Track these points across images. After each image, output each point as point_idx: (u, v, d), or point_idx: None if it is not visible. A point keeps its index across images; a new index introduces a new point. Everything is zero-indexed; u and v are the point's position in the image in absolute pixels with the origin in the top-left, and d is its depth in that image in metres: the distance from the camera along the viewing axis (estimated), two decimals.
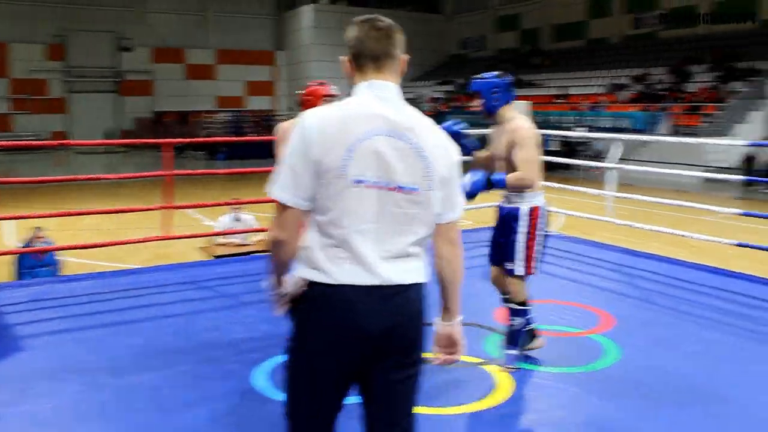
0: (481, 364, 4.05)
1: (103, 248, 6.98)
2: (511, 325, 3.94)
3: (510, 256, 3.85)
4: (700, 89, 24.44)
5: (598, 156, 21.36)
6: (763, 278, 6.21)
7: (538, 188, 3.85)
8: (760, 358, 4.19)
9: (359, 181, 1.92)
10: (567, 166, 22.22)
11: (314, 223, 1.98)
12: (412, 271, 2.00)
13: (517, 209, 3.83)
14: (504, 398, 3.59)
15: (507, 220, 3.90)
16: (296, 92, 4.14)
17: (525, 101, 7.85)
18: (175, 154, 27.67)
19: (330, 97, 4.05)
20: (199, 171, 5.29)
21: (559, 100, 28.73)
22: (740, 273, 6.41)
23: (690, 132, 21.90)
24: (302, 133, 1.96)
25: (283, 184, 1.97)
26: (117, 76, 38.06)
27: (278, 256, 2.03)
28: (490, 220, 8.44)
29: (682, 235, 6.96)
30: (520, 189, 3.79)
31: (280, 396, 3.51)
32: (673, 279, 5.99)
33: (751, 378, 3.87)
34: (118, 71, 38.02)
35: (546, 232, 3.95)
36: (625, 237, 10.66)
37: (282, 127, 4.13)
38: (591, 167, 20.50)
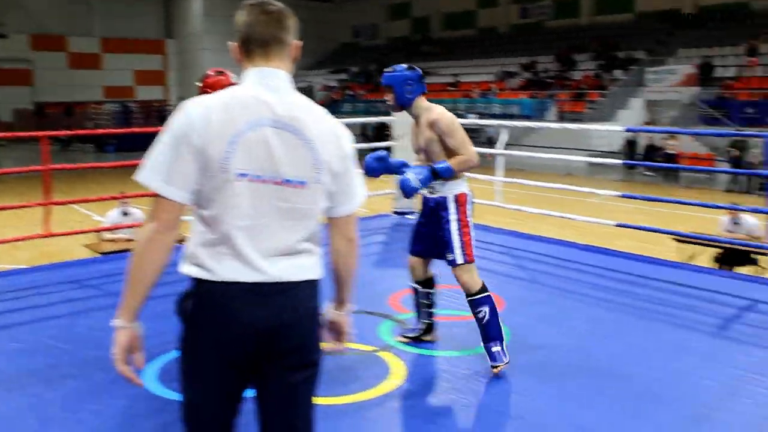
0: (375, 351, 4.08)
1: None
2: (481, 319, 3.72)
3: (449, 248, 3.75)
4: (585, 77, 25.47)
5: (490, 142, 21.95)
6: (641, 255, 6.56)
7: (461, 175, 3.79)
8: (640, 332, 4.41)
9: (243, 175, 1.82)
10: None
11: (198, 218, 1.89)
12: (302, 269, 1.92)
13: (445, 198, 3.77)
14: (398, 384, 3.63)
15: (436, 210, 3.82)
16: (196, 83, 3.87)
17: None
18: (62, 147, 26.65)
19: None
20: (79, 165, 5.02)
21: (451, 88, 29.23)
22: (621, 252, 6.74)
23: (576, 118, 22.81)
24: (185, 121, 1.83)
25: (161, 174, 1.82)
26: None
27: (151, 252, 1.83)
28: (384, 207, 8.54)
29: (567, 218, 7.23)
30: (466, 171, 3.76)
31: (172, 395, 3.45)
32: (559, 259, 6.22)
33: (631, 351, 4.07)
34: None
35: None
36: (515, 220, 11.00)
37: None
38: (481, 153, 21.06)
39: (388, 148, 6.43)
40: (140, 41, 39.64)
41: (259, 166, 1.83)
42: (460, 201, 3.77)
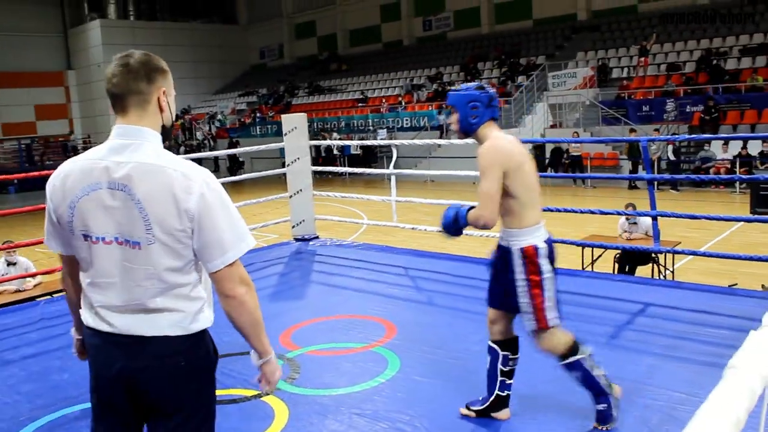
0: (259, 396, 3.89)
1: None
2: (580, 380, 3.25)
3: (522, 311, 3.21)
4: (489, 84, 25.88)
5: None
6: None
7: (533, 222, 3.14)
8: (532, 350, 4.35)
9: (86, 236, 1.94)
10: (367, 174, 22.94)
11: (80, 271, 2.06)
12: (155, 325, 1.94)
13: (509, 249, 3.16)
14: (279, 429, 3.46)
15: (503, 258, 3.24)
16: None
17: (301, 113, 7.82)
18: None
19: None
20: None
21: (360, 104, 29.26)
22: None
23: None
24: (47, 188, 2.01)
25: (45, 233, 2.08)
26: None
27: (65, 290, 2.20)
28: (284, 234, 8.33)
29: (467, 234, 7.21)
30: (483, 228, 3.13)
31: None
32: (455, 277, 6.16)
33: (523, 370, 4.01)
34: None
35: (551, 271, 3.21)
36: (424, 237, 10.99)
37: None
38: (375, 174, 21.20)
39: None
40: (39, 74, 38.08)
41: (97, 228, 1.91)
42: (528, 255, 3.11)
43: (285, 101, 33.56)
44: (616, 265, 8.25)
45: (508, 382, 3.38)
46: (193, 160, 2.38)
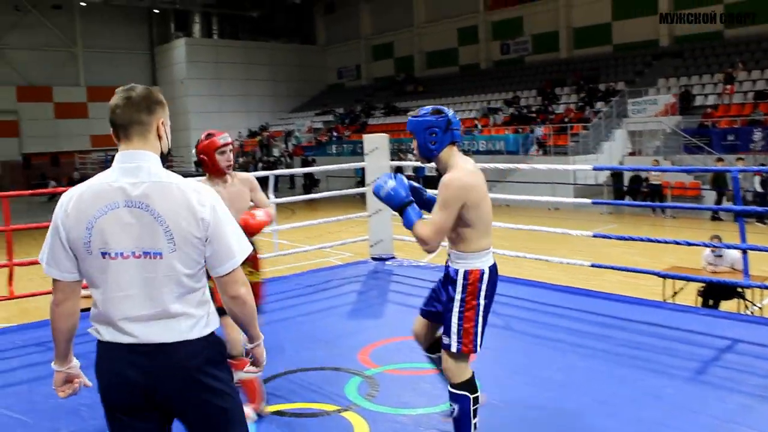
0: (338, 411, 3.95)
1: None
2: (450, 414, 3.20)
3: (445, 329, 3.17)
4: (567, 110, 25.61)
5: None
6: (621, 296, 6.45)
7: (484, 247, 3.14)
8: (614, 381, 4.27)
9: (105, 254, 2.08)
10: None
11: (91, 289, 2.16)
12: (174, 331, 2.11)
13: (456, 271, 3.15)
14: None
15: (447, 280, 3.23)
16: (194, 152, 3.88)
17: (383, 134, 7.94)
18: (48, 199, 26.43)
19: (224, 147, 3.75)
20: (38, 224, 4.84)
21: None
22: (598, 292, 6.63)
23: (560, 151, 22.88)
24: (55, 214, 2.13)
25: (47, 259, 2.15)
26: None
27: (54, 320, 2.19)
28: (362, 253, 8.42)
29: (543, 259, 7.14)
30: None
31: None
32: (534, 303, 6.11)
33: (603, 402, 3.94)
34: None
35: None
36: (504, 259, 10.90)
37: None
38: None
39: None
40: None
41: (117, 244, 2.07)
42: (471, 279, 3.10)
43: (361, 121, 33.96)
44: (699, 299, 8.01)
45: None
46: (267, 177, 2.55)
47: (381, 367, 4.61)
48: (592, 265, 6.49)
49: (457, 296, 3.11)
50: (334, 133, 33.34)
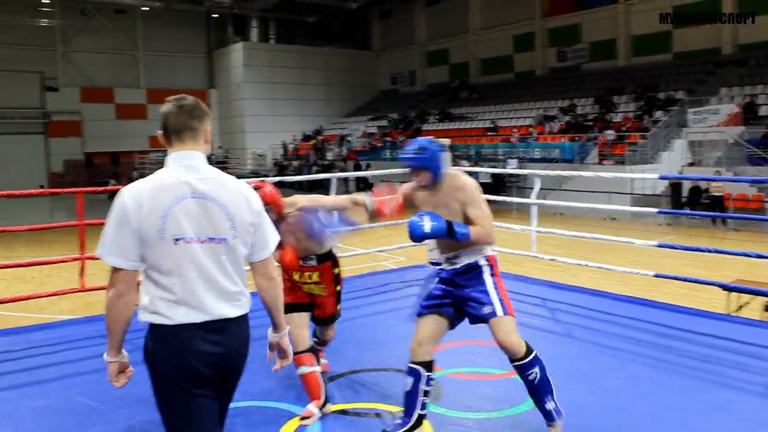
0: (399, 412, 3.97)
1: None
2: (532, 381, 3.56)
3: (486, 301, 3.54)
4: (625, 119, 25.22)
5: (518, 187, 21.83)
6: (684, 307, 6.34)
7: (482, 247, 3.62)
8: (679, 392, 4.21)
9: (178, 239, 2.32)
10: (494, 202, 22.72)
11: (150, 278, 2.35)
12: (235, 306, 2.41)
13: (476, 261, 3.59)
14: None
15: (464, 274, 3.61)
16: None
17: (446, 138, 7.95)
18: (108, 196, 27.16)
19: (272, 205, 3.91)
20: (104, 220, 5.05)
21: (490, 133, 29.21)
22: (661, 302, 6.53)
23: (617, 160, 22.53)
24: (122, 207, 2.32)
25: (111, 250, 2.33)
26: (44, 117, 37.03)
27: (114, 312, 2.35)
28: (419, 257, 8.45)
29: (604, 268, 7.06)
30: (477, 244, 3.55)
31: None
32: (595, 311, 6.05)
33: (669, 413, 3.89)
34: (44, 112, 37.00)
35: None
36: (557, 268, 10.81)
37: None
38: (515, 203, 20.98)
39: None
40: (184, 91, 40.15)
41: (188, 231, 2.33)
42: (492, 261, 3.61)
43: (415, 127, 34.00)
44: (766, 314, 7.79)
45: (426, 401, 3.59)
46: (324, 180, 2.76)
47: (443, 370, 4.62)
48: (656, 275, 6.40)
49: (488, 278, 3.56)
50: (388, 138, 33.44)
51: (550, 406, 3.49)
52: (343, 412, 4.01)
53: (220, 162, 36.93)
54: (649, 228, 17.51)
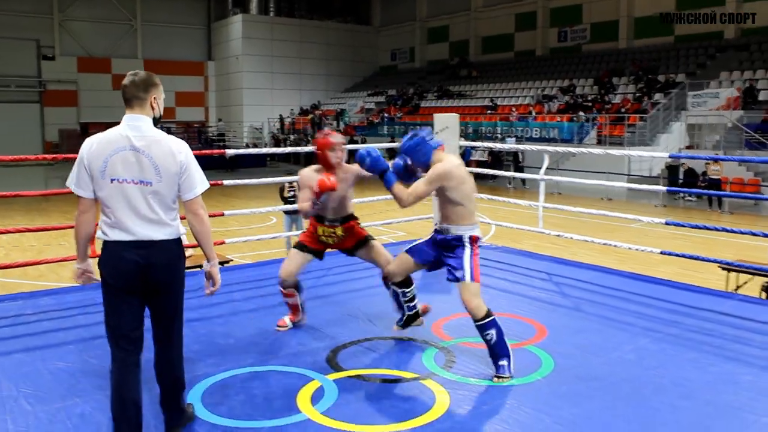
0: (417, 378, 4.06)
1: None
2: (489, 341, 4.13)
3: (458, 267, 4.22)
4: (624, 100, 25.23)
5: (516, 164, 21.87)
6: (687, 284, 6.43)
7: (474, 222, 4.31)
8: (688, 364, 4.30)
9: (114, 179, 3.07)
10: (494, 177, 22.78)
11: (101, 208, 3.14)
12: (159, 232, 3.12)
13: (461, 236, 4.26)
14: (441, 413, 3.59)
15: (449, 243, 4.31)
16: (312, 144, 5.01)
17: (453, 113, 7.98)
18: None
19: (335, 145, 4.75)
20: None
21: (489, 111, 29.18)
22: (664, 279, 6.62)
23: (615, 142, 22.58)
24: (81, 152, 3.13)
25: (75, 182, 3.15)
26: (39, 86, 36.76)
27: (78, 229, 3.19)
28: (418, 232, 8.48)
29: (611, 245, 7.13)
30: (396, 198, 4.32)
31: (217, 419, 3.47)
32: (602, 287, 6.13)
33: (680, 383, 3.98)
34: (40, 81, 36.72)
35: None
36: (555, 245, 10.89)
37: (303, 173, 4.88)
38: (519, 178, 21.01)
39: None
40: (182, 63, 40.26)
41: (122, 174, 3.07)
42: (473, 240, 4.25)
43: (413, 103, 33.94)
44: (764, 294, 7.90)
45: (413, 303, 4.79)
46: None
47: (455, 339, 4.71)
48: (662, 252, 6.48)
49: (467, 251, 4.22)
50: (386, 114, 33.37)
51: (503, 363, 4.04)
52: (360, 377, 4.08)
53: (220, 134, 36.82)
54: (646, 209, 17.61)
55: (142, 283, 3.10)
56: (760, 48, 24.76)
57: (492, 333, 4.06)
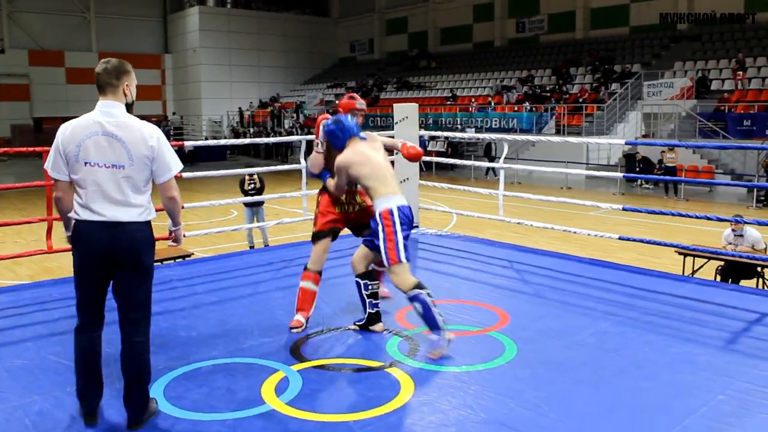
0: (383, 366, 4.06)
1: None
2: (418, 313, 4.30)
3: (381, 253, 4.43)
4: (582, 90, 25.55)
5: (487, 155, 22.02)
6: (645, 269, 6.55)
7: (383, 194, 4.48)
8: (647, 346, 4.38)
9: (87, 163, 3.20)
10: (453, 167, 22.88)
11: (75, 189, 3.26)
12: (128, 213, 3.25)
13: (377, 214, 4.49)
14: (406, 401, 3.60)
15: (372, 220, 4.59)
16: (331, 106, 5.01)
17: (413, 103, 7.99)
18: None
19: (358, 110, 4.96)
20: None
21: (449, 102, 29.30)
22: (623, 265, 6.73)
23: (574, 131, 22.87)
24: (57, 137, 3.27)
25: (51, 166, 3.28)
26: None
27: (59, 207, 3.36)
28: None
29: (570, 231, 7.22)
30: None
31: (180, 413, 3.43)
32: (562, 273, 6.21)
33: (640, 365, 4.06)
34: None
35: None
36: (516, 234, 11.01)
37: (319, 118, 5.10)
38: (483, 167, 21.15)
39: None
40: (138, 56, 39.34)
41: (94, 157, 3.20)
42: (384, 216, 4.41)
43: (373, 95, 33.89)
44: (719, 278, 8.10)
45: (375, 302, 4.66)
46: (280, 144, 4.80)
47: (418, 327, 4.71)
48: (620, 238, 6.59)
49: (380, 229, 4.40)
50: None
51: (433, 337, 4.23)
52: (323, 367, 4.08)
53: (177, 128, 36.28)
54: (604, 197, 17.89)
55: (108, 263, 3.24)
56: (711, 38, 25.29)
57: (417, 306, 4.24)
